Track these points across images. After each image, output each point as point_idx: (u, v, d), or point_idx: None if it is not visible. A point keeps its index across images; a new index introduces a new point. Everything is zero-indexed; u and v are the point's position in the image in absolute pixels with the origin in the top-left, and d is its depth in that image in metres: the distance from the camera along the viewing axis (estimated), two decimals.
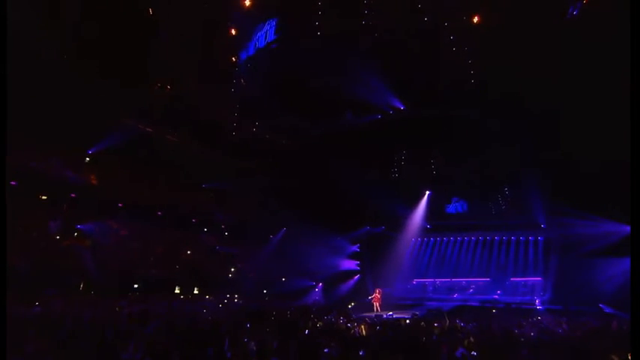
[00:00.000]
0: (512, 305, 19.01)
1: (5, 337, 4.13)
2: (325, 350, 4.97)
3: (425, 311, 17.06)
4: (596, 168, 15.68)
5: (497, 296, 21.44)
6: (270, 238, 24.75)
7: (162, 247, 20.79)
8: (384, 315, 15.86)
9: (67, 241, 17.88)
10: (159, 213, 20.79)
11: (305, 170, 21.29)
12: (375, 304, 19.34)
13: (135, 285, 19.42)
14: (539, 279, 21.55)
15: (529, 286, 21.85)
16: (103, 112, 16.28)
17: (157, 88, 18.38)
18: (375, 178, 22.44)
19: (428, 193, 24.05)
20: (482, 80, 16.11)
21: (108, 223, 18.65)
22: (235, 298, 21.80)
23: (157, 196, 19.76)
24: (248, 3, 15.69)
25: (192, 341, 5.37)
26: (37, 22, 13.48)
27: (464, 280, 23.55)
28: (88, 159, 18.31)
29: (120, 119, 17.45)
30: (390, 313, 16.53)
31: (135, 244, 19.44)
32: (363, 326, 8.66)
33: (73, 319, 7.41)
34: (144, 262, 19.61)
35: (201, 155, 20.53)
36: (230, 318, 9.87)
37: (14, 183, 14.53)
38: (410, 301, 22.30)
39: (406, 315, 14.91)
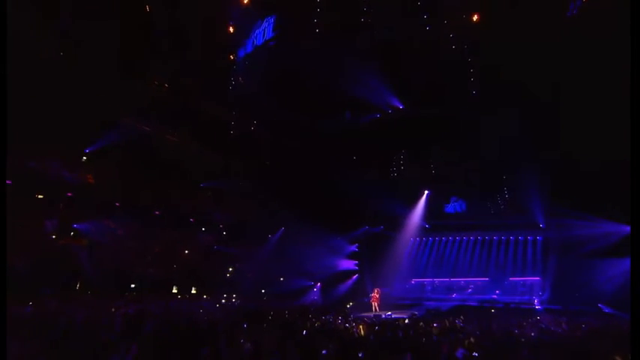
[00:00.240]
0: (511, 305, 18.97)
1: (5, 337, 4.04)
2: (323, 352, 4.88)
3: (424, 311, 17.02)
4: (596, 168, 15.65)
5: (495, 296, 21.40)
6: (269, 237, 24.65)
7: (160, 247, 20.62)
8: (382, 315, 15.78)
9: (63, 241, 17.73)
10: (156, 212, 20.63)
11: (304, 170, 21.20)
12: (374, 303, 19.26)
13: (132, 285, 19.30)
14: (537, 279, 21.53)
15: (528, 286, 21.84)
16: (100, 111, 16.18)
17: (154, 86, 18.27)
18: (374, 177, 22.41)
19: (427, 192, 24.01)
20: (481, 78, 16.05)
21: (105, 222, 18.46)
22: (233, 298, 21.68)
23: (155, 196, 19.62)
24: (246, 0, 15.60)
25: (187, 342, 5.29)
26: (34, 20, 13.40)
27: (462, 280, 23.52)
28: (84, 158, 18.15)
29: (117, 118, 17.31)
30: (389, 313, 16.45)
31: (132, 243, 19.25)
32: (361, 326, 8.59)
33: (66, 319, 7.30)
34: (141, 262, 19.45)
35: (200, 154, 20.42)
36: (227, 318, 9.77)
37: (10, 182, 14.37)
38: (408, 301, 22.27)
39: (405, 315, 14.86)
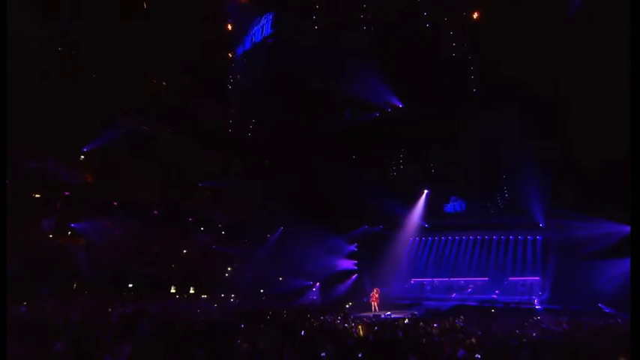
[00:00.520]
0: (511, 305, 18.89)
1: (5, 337, 4.01)
2: (322, 355, 4.78)
3: (423, 311, 16.95)
4: (597, 167, 15.55)
5: (495, 296, 21.34)
6: (267, 237, 24.56)
7: (158, 247, 20.50)
8: (382, 315, 15.70)
9: (60, 240, 17.61)
10: (155, 212, 20.54)
11: (303, 169, 21.11)
12: (373, 303, 19.18)
13: (130, 285, 19.19)
14: (537, 279, 21.47)
15: (527, 286, 21.78)
16: (97, 110, 16.08)
17: (152, 84, 18.16)
18: (374, 177, 22.28)
19: (426, 192, 23.92)
20: (481, 76, 15.97)
21: (102, 221, 18.35)
22: (232, 298, 21.59)
23: (153, 195, 19.53)
24: None
25: (183, 342, 5.19)
26: (32, 19, 13.30)
27: (462, 280, 23.46)
28: (82, 157, 18.05)
29: (115, 117, 17.21)
30: (389, 313, 16.37)
31: (130, 243, 19.14)
32: (360, 327, 8.50)
33: (61, 319, 7.20)
34: (139, 262, 19.34)
35: (198, 153, 20.32)
36: (225, 318, 9.67)
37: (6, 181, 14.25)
38: (408, 301, 22.22)
39: (404, 315, 14.78)
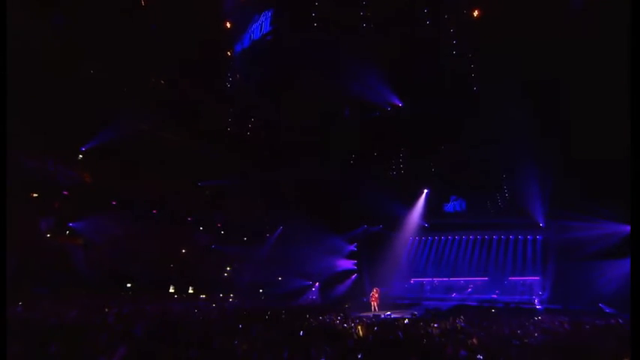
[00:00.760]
0: (511, 305, 18.79)
1: (5, 337, 3.96)
2: (322, 359, 4.68)
3: (423, 311, 16.85)
4: (598, 167, 15.43)
5: (495, 296, 21.26)
6: (267, 237, 24.48)
7: (157, 246, 20.38)
8: (381, 315, 15.60)
9: (58, 239, 17.52)
10: (153, 211, 20.45)
11: (302, 168, 21.01)
12: (373, 303, 19.07)
13: (128, 284, 19.09)
14: (537, 278, 21.40)
15: (527, 286, 21.71)
16: (96, 109, 15.98)
17: (151, 83, 18.06)
18: (373, 176, 22.17)
19: (426, 191, 23.82)
20: (482, 74, 15.88)
21: (101, 221, 18.26)
22: (230, 297, 21.50)
23: (152, 194, 19.42)
24: None
25: (179, 343, 5.10)
26: (31, 17, 13.22)
27: (462, 280, 23.39)
28: (80, 156, 17.96)
29: (114, 116, 17.10)
30: (388, 312, 16.28)
31: (128, 242, 19.01)
32: (360, 327, 8.40)
33: (57, 319, 7.11)
34: (137, 261, 19.24)
35: (197, 152, 20.21)
36: (222, 319, 9.58)
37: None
38: (408, 301, 22.13)
39: (404, 315, 14.70)
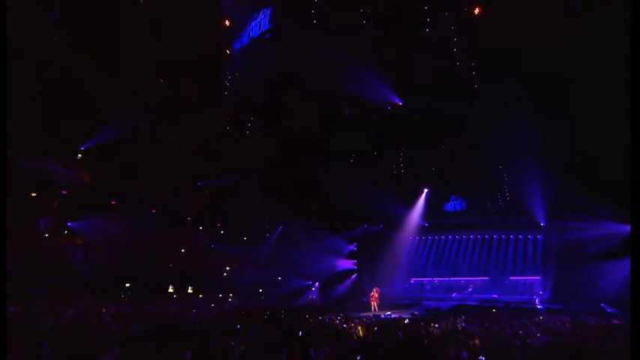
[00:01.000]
0: (512, 305, 18.69)
1: (5, 337, 3.95)
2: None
3: (423, 311, 16.78)
4: (600, 166, 15.32)
5: (496, 295, 21.17)
6: (267, 237, 24.41)
7: (156, 246, 20.29)
8: (382, 315, 15.53)
9: (57, 239, 17.44)
10: (153, 211, 20.37)
11: (302, 167, 20.91)
12: (373, 303, 18.99)
13: (127, 284, 19.01)
14: (538, 278, 21.31)
15: (528, 285, 21.63)
16: (95, 108, 15.90)
17: (150, 82, 17.98)
18: (373, 175, 22.06)
19: (426, 190, 23.73)
20: (483, 72, 15.79)
21: (100, 220, 18.18)
22: (230, 297, 21.43)
23: (151, 194, 19.33)
24: None
25: (176, 343, 5.02)
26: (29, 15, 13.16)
27: (462, 279, 23.32)
28: (80, 155, 17.88)
29: (113, 115, 17.02)
30: (388, 312, 16.22)
31: (127, 242, 18.93)
32: (360, 327, 8.32)
33: (52, 319, 7.04)
34: (136, 261, 19.15)
35: (197, 152, 20.14)
36: (220, 319, 9.50)
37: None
38: (408, 301, 22.04)
39: (405, 315, 14.62)
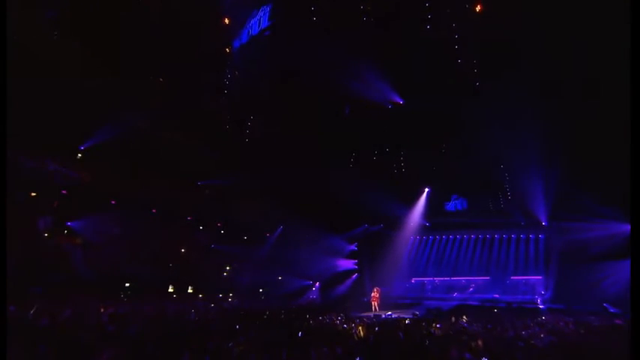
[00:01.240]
0: (514, 305, 18.57)
1: (5, 337, 3.92)
2: None
3: (424, 311, 16.70)
4: (603, 165, 15.18)
5: (497, 295, 21.06)
6: (267, 236, 24.34)
7: (156, 246, 20.24)
8: (382, 315, 15.46)
9: (56, 239, 17.38)
10: (153, 210, 20.32)
11: (302, 167, 20.82)
12: (374, 303, 18.91)
13: (127, 284, 18.95)
14: (539, 277, 21.20)
15: (529, 285, 21.51)
16: (95, 107, 15.84)
17: (149, 80, 17.92)
18: (374, 174, 21.97)
19: (427, 190, 23.61)
20: (484, 72, 15.69)
21: (100, 220, 18.12)
22: (230, 297, 21.36)
23: (151, 193, 19.26)
24: None
25: (173, 344, 4.94)
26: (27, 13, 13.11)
27: (463, 279, 23.22)
28: (79, 155, 17.83)
29: (112, 114, 16.96)
30: (389, 312, 16.15)
31: (127, 242, 18.90)
32: (360, 327, 8.23)
33: (48, 319, 6.96)
34: (136, 261, 19.10)
35: (197, 151, 20.07)
36: (219, 319, 9.41)
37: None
38: (409, 301, 21.96)
39: (405, 315, 14.55)
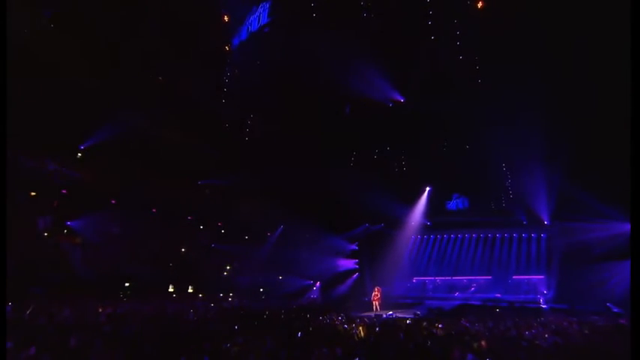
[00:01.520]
0: (516, 304, 18.44)
1: (5, 337, 3.90)
2: None
3: (426, 310, 16.60)
4: (606, 165, 15.05)
5: (499, 295, 20.93)
6: (268, 236, 24.27)
7: (156, 245, 20.20)
8: (383, 315, 15.34)
9: (56, 239, 17.33)
10: (153, 210, 20.27)
11: (303, 166, 20.73)
12: (375, 303, 18.80)
13: (126, 284, 18.90)
14: (541, 277, 21.06)
15: (532, 284, 21.38)
16: (94, 106, 15.80)
17: (149, 79, 17.85)
18: (374, 173, 21.86)
19: (428, 189, 23.49)
20: (486, 69, 15.58)
21: (99, 219, 18.06)
22: (230, 297, 21.30)
23: (151, 193, 19.21)
24: None
25: (169, 345, 4.86)
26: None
27: (465, 279, 23.08)
28: (79, 154, 17.78)
29: (112, 113, 16.90)
30: (390, 312, 16.03)
31: (127, 241, 18.86)
32: (361, 327, 8.13)
33: (45, 319, 6.88)
34: (136, 261, 19.04)
35: (197, 151, 20.01)
36: (218, 320, 9.32)
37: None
38: (410, 300, 21.84)
39: (407, 315, 14.45)
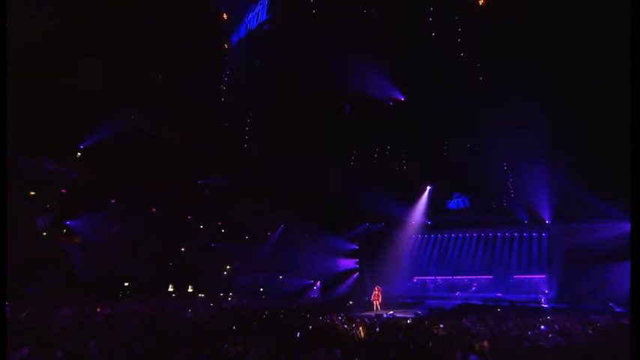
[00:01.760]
0: (518, 304, 18.35)
1: (5, 337, 3.93)
2: None
3: (426, 310, 16.52)
4: (609, 164, 14.97)
5: (500, 294, 20.84)
6: (268, 235, 24.21)
7: (156, 245, 20.15)
8: (384, 314, 15.27)
9: (55, 238, 17.28)
10: (153, 209, 20.22)
11: (303, 166, 20.67)
12: (375, 302, 18.71)
13: (126, 284, 18.84)
14: (543, 276, 20.97)
15: (533, 284, 21.28)
16: (94, 106, 15.76)
17: (149, 79, 17.80)
18: (375, 173, 21.78)
19: (429, 188, 23.41)
20: (487, 67, 15.50)
21: (98, 219, 18.00)
22: (230, 297, 21.25)
23: (151, 193, 19.16)
24: None
25: (166, 346, 4.79)
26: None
27: (466, 278, 23.00)
28: (79, 154, 17.74)
29: (112, 113, 16.85)
30: (391, 312, 15.95)
31: (127, 241, 18.81)
32: (361, 327, 8.05)
33: (42, 319, 6.82)
34: (136, 260, 18.98)
35: (197, 150, 19.96)
36: (217, 320, 9.25)
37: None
38: (410, 300, 21.76)
39: (407, 314, 14.38)
